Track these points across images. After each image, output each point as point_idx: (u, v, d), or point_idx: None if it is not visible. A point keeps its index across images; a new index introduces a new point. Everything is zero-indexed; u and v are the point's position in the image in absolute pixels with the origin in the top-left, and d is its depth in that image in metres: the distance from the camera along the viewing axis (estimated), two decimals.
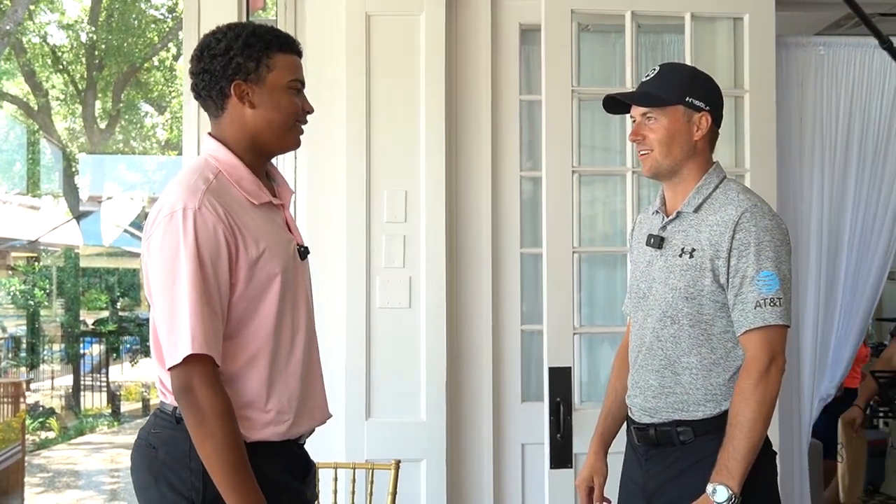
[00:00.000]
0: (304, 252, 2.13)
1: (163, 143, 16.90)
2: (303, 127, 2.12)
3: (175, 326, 1.89)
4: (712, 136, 2.36)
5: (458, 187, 3.44)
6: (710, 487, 2.14)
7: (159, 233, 1.93)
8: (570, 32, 3.24)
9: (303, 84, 2.11)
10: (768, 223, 2.22)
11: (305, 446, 2.16)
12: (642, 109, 2.33)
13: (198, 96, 2.08)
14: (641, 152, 2.34)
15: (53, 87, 15.66)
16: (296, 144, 2.13)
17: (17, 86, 15.31)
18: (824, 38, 3.68)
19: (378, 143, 3.36)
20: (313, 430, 2.18)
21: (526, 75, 3.52)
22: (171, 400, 1.98)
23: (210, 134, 2.10)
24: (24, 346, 13.06)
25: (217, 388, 1.89)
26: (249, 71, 2.03)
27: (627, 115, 2.36)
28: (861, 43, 3.63)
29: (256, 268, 1.97)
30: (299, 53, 2.11)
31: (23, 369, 12.85)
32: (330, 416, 2.20)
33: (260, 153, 2.09)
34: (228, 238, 1.93)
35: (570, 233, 3.22)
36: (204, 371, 1.88)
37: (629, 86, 3.22)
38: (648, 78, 2.36)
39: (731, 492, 2.11)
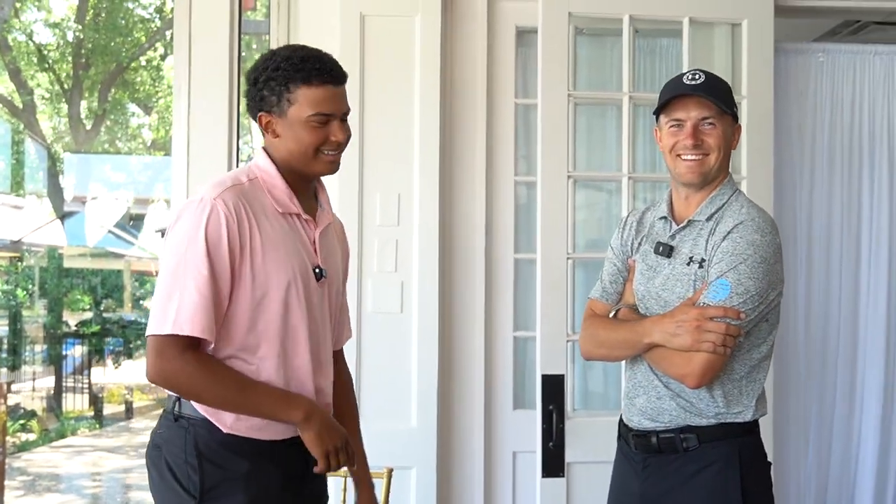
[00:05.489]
0: (318, 273, 2.15)
1: (149, 144, 16.79)
2: (333, 153, 2.12)
3: (168, 303, 1.98)
4: None
5: (452, 191, 3.40)
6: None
7: (180, 218, 2.05)
8: (567, 36, 3.20)
9: (330, 115, 2.09)
10: (756, 238, 2.17)
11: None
12: (704, 113, 2.24)
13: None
14: (694, 157, 2.24)
15: (39, 85, 15.49)
16: (327, 170, 2.15)
17: (2, 84, 15.15)
18: (823, 45, 3.64)
19: (371, 146, 3.31)
20: None
21: (522, 78, 3.47)
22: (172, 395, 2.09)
23: (262, 146, 2.18)
24: (5, 346, 12.90)
25: (184, 358, 1.98)
26: (272, 104, 2.09)
27: (624, 121, 2.32)
28: (861, 50, 3.60)
29: (265, 270, 2.04)
30: (333, 82, 2.09)
31: (4, 370, 12.69)
32: None
33: (297, 174, 2.14)
34: (235, 231, 2.01)
35: (564, 238, 3.18)
36: (176, 347, 1.97)
37: (626, 90, 3.18)
38: (698, 82, 2.24)
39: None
